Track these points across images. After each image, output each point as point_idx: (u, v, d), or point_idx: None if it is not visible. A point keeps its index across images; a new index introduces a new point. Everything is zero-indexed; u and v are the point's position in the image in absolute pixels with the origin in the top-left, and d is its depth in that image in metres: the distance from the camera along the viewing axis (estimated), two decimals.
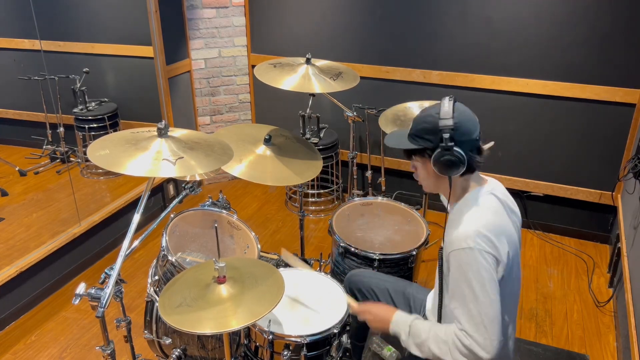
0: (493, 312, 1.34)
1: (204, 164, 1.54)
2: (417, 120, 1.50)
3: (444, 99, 1.47)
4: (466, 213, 1.44)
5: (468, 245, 1.37)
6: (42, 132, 3.01)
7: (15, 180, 2.91)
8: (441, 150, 1.40)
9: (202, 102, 3.84)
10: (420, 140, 1.47)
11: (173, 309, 1.43)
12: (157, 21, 3.24)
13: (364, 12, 3.34)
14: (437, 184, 1.53)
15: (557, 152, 3.20)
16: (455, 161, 1.40)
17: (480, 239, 1.37)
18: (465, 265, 1.37)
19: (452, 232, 1.44)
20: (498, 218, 1.45)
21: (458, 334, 1.37)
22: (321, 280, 1.95)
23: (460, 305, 1.37)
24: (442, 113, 1.42)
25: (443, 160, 1.41)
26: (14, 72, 2.87)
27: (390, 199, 2.50)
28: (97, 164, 1.47)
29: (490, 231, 1.39)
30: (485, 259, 1.36)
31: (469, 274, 1.36)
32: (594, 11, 2.84)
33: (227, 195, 2.35)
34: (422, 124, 1.47)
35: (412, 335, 1.48)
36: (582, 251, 3.24)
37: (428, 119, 1.45)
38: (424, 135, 1.46)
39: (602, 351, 2.49)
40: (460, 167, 1.41)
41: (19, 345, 2.50)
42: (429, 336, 1.44)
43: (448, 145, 1.39)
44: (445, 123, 1.40)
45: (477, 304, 1.34)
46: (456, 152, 1.40)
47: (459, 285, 1.38)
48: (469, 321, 1.35)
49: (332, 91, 2.35)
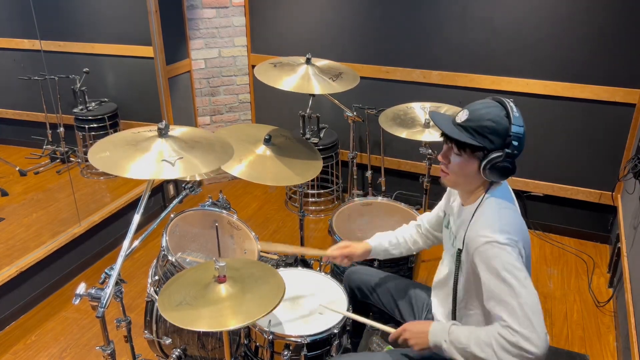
0: (533, 302, 1.28)
1: (204, 163, 1.54)
2: (479, 115, 1.40)
3: (508, 102, 1.41)
4: (491, 211, 1.42)
5: (496, 239, 1.34)
6: (42, 132, 3.01)
7: (15, 180, 2.91)
8: (503, 156, 1.37)
9: (202, 102, 3.84)
10: (479, 138, 1.39)
11: (173, 307, 1.43)
12: (157, 21, 3.24)
13: (364, 12, 3.34)
14: (465, 181, 1.49)
15: (557, 152, 3.20)
16: (510, 170, 1.38)
17: (506, 234, 1.35)
18: (495, 259, 1.33)
19: (476, 230, 1.41)
20: (519, 220, 1.44)
21: (502, 332, 1.29)
22: (321, 280, 1.95)
23: (499, 302, 1.31)
24: (515, 119, 1.37)
25: (500, 166, 1.38)
26: (14, 72, 2.87)
27: (390, 199, 2.50)
28: (97, 167, 1.46)
29: (514, 231, 1.38)
30: (513, 252, 1.33)
31: (500, 268, 1.31)
32: (594, 11, 2.84)
33: (227, 195, 2.35)
34: (487, 121, 1.39)
35: (453, 342, 1.39)
36: (582, 251, 3.24)
37: (496, 118, 1.38)
38: (486, 134, 1.38)
39: (602, 351, 2.49)
40: (509, 175, 1.40)
41: (19, 345, 2.50)
42: (470, 341, 1.35)
43: (514, 153, 1.37)
44: (518, 130, 1.36)
45: (515, 296, 1.28)
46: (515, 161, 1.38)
47: (492, 283, 1.33)
48: (512, 316, 1.27)
49: (332, 92, 2.35)
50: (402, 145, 3.50)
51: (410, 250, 1.91)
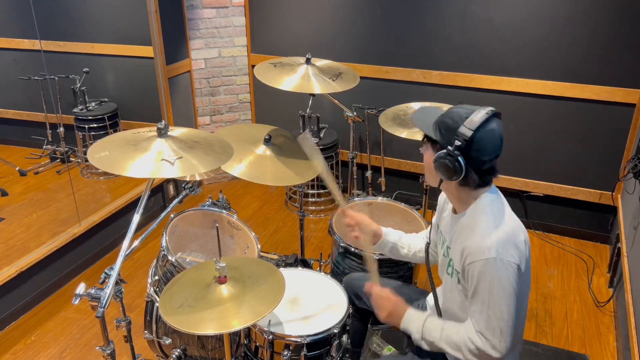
0: (509, 318, 1.36)
1: (204, 163, 1.54)
2: (448, 112, 1.44)
3: (484, 109, 1.40)
4: (482, 222, 1.41)
5: (491, 255, 1.35)
6: (42, 132, 3.01)
7: (15, 180, 2.91)
8: (445, 153, 1.38)
9: (202, 102, 3.84)
10: (437, 132, 1.43)
11: (174, 310, 1.43)
12: (157, 21, 3.24)
13: (364, 12, 3.34)
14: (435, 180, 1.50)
15: (557, 152, 3.20)
16: (451, 169, 1.38)
17: (502, 248, 1.35)
18: (487, 273, 1.35)
19: (469, 242, 1.41)
20: (513, 221, 1.43)
21: (472, 337, 1.39)
22: (321, 280, 1.95)
23: (480, 310, 1.38)
24: (468, 121, 1.37)
25: (442, 162, 1.40)
26: (14, 72, 2.87)
27: (390, 199, 2.50)
28: (97, 166, 1.46)
29: (510, 238, 1.38)
30: (506, 268, 1.35)
31: (490, 281, 1.35)
32: (594, 11, 2.84)
33: (227, 195, 2.35)
34: (448, 118, 1.41)
35: (424, 334, 1.50)
36: (582, 251, 3.24)
37: (455, 117, 1.40)
38: (442, 130, 1.42)
39: (602, 351, 2.49)
40: (453, 177, 1.40)
41: (19, 345, 2.50)
42: (441, 337, 1.47)
43: (454, 152, 1.37)
44: (464, 131, 1.36)
45: (495, 310, 1.35)
46: (458, 162, 1.37)
47: (480, 290, 1.37)
48: (487, 325, 1.37)
49: (332, 92, 2.35)
50: (402, 145, 3.50)
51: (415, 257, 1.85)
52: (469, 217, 1.46)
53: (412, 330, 1.53)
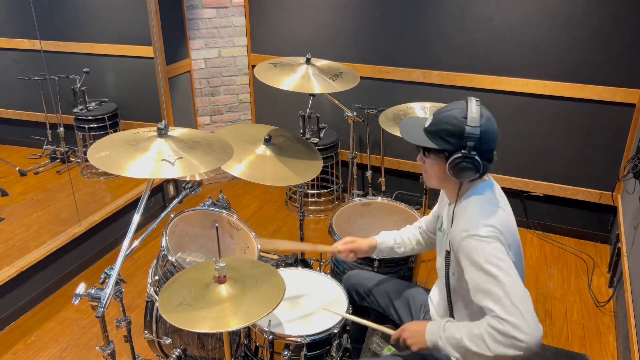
0: (519, 290, 1.28)
1: (204, 163, 1.54)
2: (439, 118, 1.43)
3: (471, 100, 1.41)
4: (472, 208, 1.43)
5: (476, 233, 1.35)
6: (42, 132, 3.01)
7: (15, 180, 2.91)
8: (462, 157, 1.38)
9: (202, 102, 3.84)
10: (440, 141, 1.42)
11: (173, 308, 1.43)
12: (157, 21, 3.24)
13: (364, 12, 3.34)
14: (441, 183, 1.54)
15: (557, 152, 3.20)
16: (472, 169, 1.40)
17: (488, 228, 1.36)
18: (477, 252, 1.34)
19: (458, 225, 1.42)
20: (503, 215, 1.44)
21: (491, 322, 1.29)
22: (321, 280, 1.95)
23: (485, 294, 1.31)
24: (470, 119, 1.37)
25: (461, 166, 1.39)
26: (14, 72, 2.87)
27: (390, 199, 2.50)
28: (97, 166, 1.46)
29: (497, 224, 1.38)
30: (495, 244, 1.34)
31: (482, 260, 1.32)
32: (594, 11, 2.84)
33: (227, 195, 2.35)
34: (445, 124, 1.41)
35: (447, 338, 1.40)
36: (582, 251, 3.24)
37: (453, 121, 1.39)
38: (445, 137, 1.41)
39: (602, 351, 2.49)
40: (475, 175, 1.41)
41: (19, 345, 2.50)
42: (462, 335, 1.36)
43: (471, 154, 1.37)
44: (472, 131, 1.36)
45: (500, 285, 1.28)
46: (476, 160, 1.38)
47: (476, 275, 1.34)
48: (498, 304, 1.28)
49: (332, 91, 2.35)
50: (402, 145, 3.50)
51: (414, 250, 1.93)
52: (463, 205, 1.48)
53: (436, 339, 1.42)
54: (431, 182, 1.56)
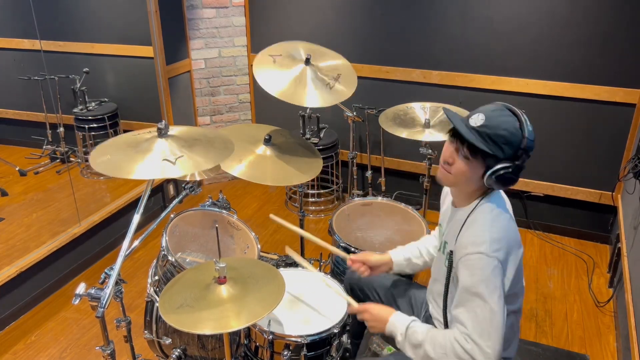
0: (498, 321, 1.31)
1: (205, 160, 1.53)
2: (496, 122, 1.37)
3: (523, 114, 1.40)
4: (483, 219, 1.42)
5: (481, 250, 1.34)
6: (42, 132, 3.01)
7: (15, 180, 2.91)
8: (511, 168, 1.36)
9: (202, 102, 3.84)
10: (492, 145, 1.36)
11: (174, 309, 1.43)
12: (157, 21, 3.24)
13: (364, 12, 3.34)
14: (462, 185, 1.48)
15: (557, 152, 3.20)
16: (513, 181, 1.39)
17: (494, 246, 1.35)
18: (477, 270, 1.34)
19: (467, 237, 1.41)
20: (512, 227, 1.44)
21: (459, 337, 1.34)
22: (321, 280, 1.95)
23: (467, 310, 1.34)
24: (528, 133, 1.38)
25: (506, 176, 1.37)
26: (14, 72, 2.87)
27: (390, 199, 2.50)
28: (100, 171, 1.45)
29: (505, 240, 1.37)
30: (496, 266, 1.34)
31: (480, 280, 1.33)
32: (594, 11, 2.84)
33: (227, 195, 2.35)
34: (503, 130, 1.36)
35: (409, 336, 1.46)
36: (582, 251, 3.24)
37: (511, 129, 1.36)
38: (499, 143, 1.36)
39: (602, 351, 2.49)
40: (509, 186, 1.41)
41: (19, 345, 2.50)
42: (426, 339, 1.41)
43: (522, 166, 1.38)
44: (529, 145, 1.37)
45: (484, 309, 1.31)
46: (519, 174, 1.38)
47: (467, 291, 1.35)
48: (475, 326, 1.32)
49: (326, 105, 2.30)
50: (402, 145, 3.50)
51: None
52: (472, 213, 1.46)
53: (397, 332, 1.50)
54: (450, 180, 1.47)
